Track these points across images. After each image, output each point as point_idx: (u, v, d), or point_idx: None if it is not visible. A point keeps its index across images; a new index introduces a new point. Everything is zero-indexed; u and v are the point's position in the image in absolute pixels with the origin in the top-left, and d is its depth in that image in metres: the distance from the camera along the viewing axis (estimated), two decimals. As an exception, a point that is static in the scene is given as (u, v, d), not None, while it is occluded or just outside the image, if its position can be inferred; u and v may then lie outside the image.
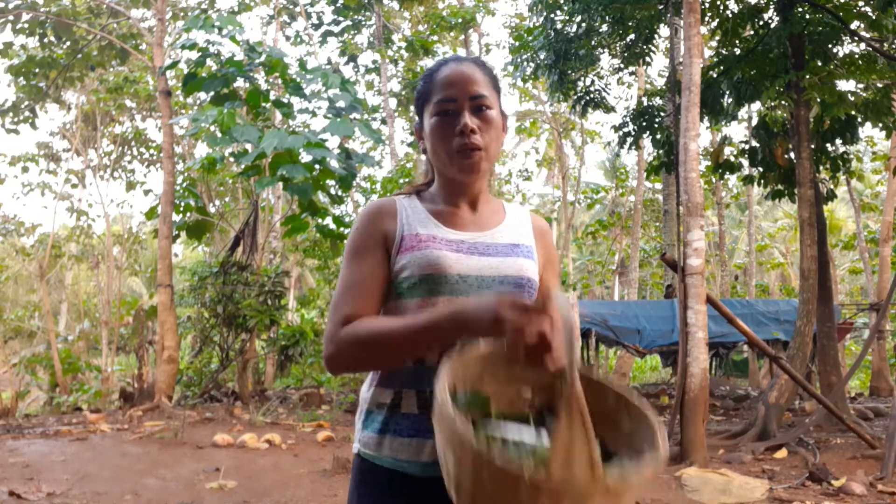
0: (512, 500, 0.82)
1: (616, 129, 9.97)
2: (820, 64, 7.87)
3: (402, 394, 1.19)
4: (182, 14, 13.08)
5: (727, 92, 8.58)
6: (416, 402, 1.18)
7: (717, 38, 9.35)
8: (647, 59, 9.91)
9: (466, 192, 1.30)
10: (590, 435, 0.90)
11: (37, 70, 11.52)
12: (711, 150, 11.64)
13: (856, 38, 7.92)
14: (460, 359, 1.01)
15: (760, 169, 9.20)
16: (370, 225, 1.26)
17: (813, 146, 8.07)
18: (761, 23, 8.61)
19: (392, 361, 1.16)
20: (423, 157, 1.34)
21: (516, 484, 0.81)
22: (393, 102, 17.29)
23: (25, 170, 14.80)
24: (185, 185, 10.35)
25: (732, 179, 18.18)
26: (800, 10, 7.76)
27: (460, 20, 15.70)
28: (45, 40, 11.34)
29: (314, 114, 9.78)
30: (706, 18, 8.54)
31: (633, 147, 10.53)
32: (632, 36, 9.52)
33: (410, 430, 1.18)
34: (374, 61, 17.42)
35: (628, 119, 9.86)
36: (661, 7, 8.63)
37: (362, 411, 1.25)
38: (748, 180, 10.12)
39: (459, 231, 1.27)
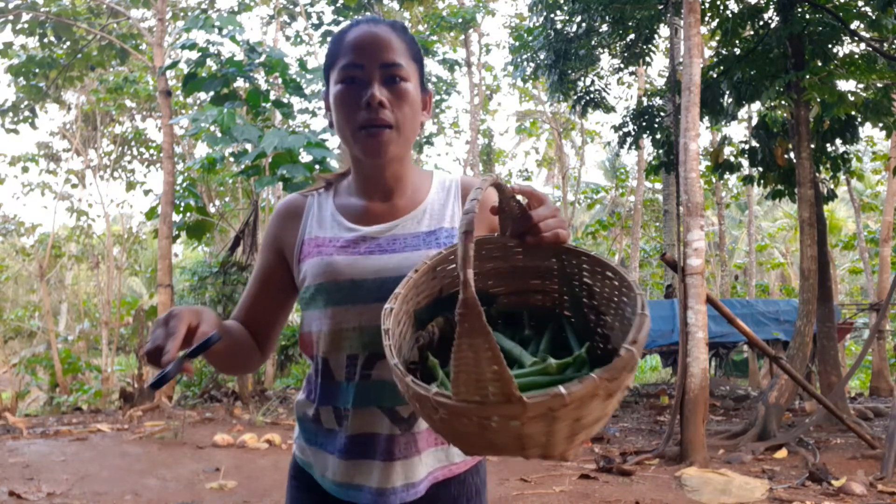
0: (428, 417, 0.81)
1: (616, 129, 9.97)
2: (820, 64, 7.87)
3: (320, 410, 1.13)
4: (182, 14, 13.06)
5: (727, 92, 8.57)
6: (333, 418, 1.11)
7: (717, 38, 9.35)
8: (647, 59, 9.91)
9: (379, 180, 1.13)
10: (494, 350, 0.72)
11: (37, 70, 11.50)
12: (711, 150, 11.63)
13: (856, 38, 7.92)
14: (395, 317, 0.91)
15: (760, 169, 9.19)
16: (272, 226, 1.20)
17: (813, 146, 8.07)
18: (761, 23, 8.60)
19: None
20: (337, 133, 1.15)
21: (426, 402, 0.78)
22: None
23: (25, 170, 14.79)
24: (185, 185, 10.35)
25: (732, 179, 18.17)
26: (800, 10, 7.75)
27: (460, 20, 15.69)
28: (45, 40, 11.33)
29: (314, 114, 9.80)
30: (706, 18, 8.53)
31: (633, 147, 10.53)
32: (632, 36, 9.51)
33: (329, 447, 1.12)
34: (374, 61, 17.40)
35: (628, 119, 9.86)
36: (661, 7, 8.62)
37: (296, 417, 1.20)
38: (748, 180, 10.11)
39: (364, 227, 1.12)
